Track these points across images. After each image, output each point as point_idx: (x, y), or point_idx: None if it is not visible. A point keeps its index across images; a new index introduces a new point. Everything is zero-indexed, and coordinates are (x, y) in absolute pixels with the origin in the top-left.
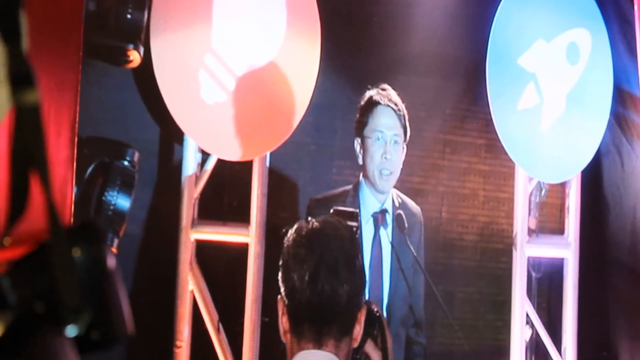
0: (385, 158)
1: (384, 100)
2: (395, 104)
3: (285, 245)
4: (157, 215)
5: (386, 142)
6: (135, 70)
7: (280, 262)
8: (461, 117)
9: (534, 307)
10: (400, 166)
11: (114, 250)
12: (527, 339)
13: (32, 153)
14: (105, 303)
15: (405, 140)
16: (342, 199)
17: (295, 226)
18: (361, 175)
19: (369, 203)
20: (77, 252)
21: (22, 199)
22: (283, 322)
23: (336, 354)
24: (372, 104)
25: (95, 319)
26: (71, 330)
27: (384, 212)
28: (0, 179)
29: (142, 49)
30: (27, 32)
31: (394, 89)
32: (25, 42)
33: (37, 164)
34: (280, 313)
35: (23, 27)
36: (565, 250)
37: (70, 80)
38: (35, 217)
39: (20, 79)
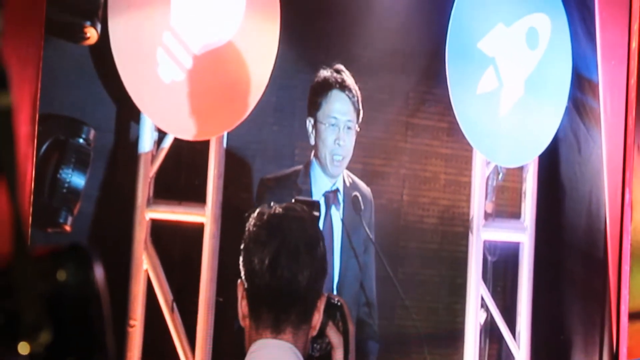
0: (338, 144)
1: (338, 85)
2: (350, 89)
3: (246, 229)
4: (112, 194)
5: (339, 128)
6: (92, 47)
7: (242, 246)
8: (423, 100)
9: (489, 290)
10: (352, 150)
11: (67, 228)
12: (482, 322)
13: (1, 158)
14: (86, 329)
15: (357, 122)
16: (293, 179)
17: (257, 210)
18: (312, 154)
19: (320, 182)
20: (62, 276)
21: None
22: (242, 306)
23: (294, 343)
24: (326, 86)
25: (75, 344)
26: (23, 348)
27: (335, 191)
28: None
29: (99, 26)
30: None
31: (355, 70)
32: (1, 42)
33: (6, 170)
34: (239, 297)
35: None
36: (521, 234)
37: (32, 56)
38: None
39: None
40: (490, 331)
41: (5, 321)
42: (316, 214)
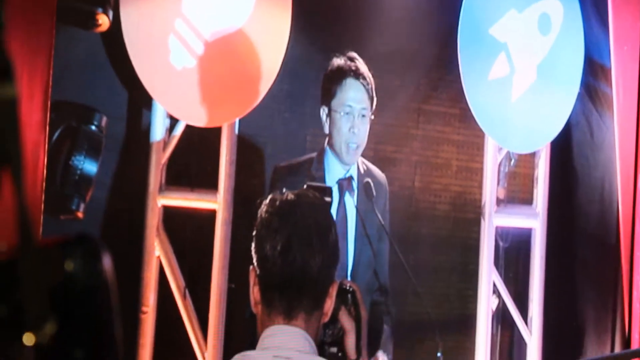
0: (353, 132)
1: (353, 73)
2: (364, 77)
3: (258, 215)
4: (125, 181)
5: (354, 116)
6: (104, 34)
7: (254, 233)
8: (435, 86)
9: (501, 276)
10: (366, 138)
11: (80, 215)
12: (494, 309)
13: (6, 149)
14: (94, 320)
15: (371, 110)
16: (306, 166)
17: (269, 197)
18: (326, 142)
19: (334, 170)
20: (69, 266)
21: None
22: (254, 293)
23: (306, 329)
24: (341, 75)
25: (82, 335)
26: (28, 338)
27: (349, 179)
28: None
29: (111, 13)
30: (7, 23)
31: (367, 56)
32: (5, 34)
33: (11, 161)
34: (251, 283)
35: (4, 18)
36: (533, 220)
37: (43, 44)
38: (3, 219)
39: None
40: (502, 317)
41: (10, 312)
42: (328, 199)
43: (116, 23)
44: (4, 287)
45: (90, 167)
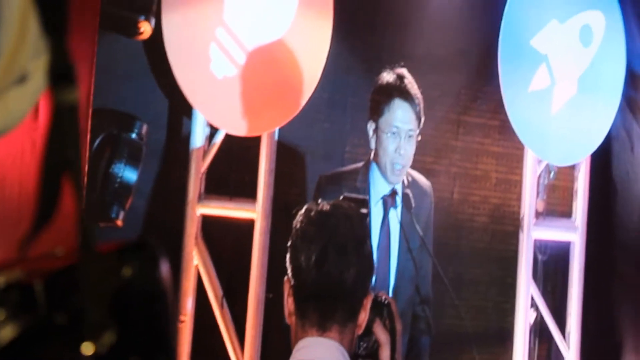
0: (399, 153)
1: (402, 94)
2: (413, 98)
3: (294, 226)
4: (164, 189)
5: (401, 137)
6: (145, 42)
7: (289, 243)
8: (474, 98)
9: (539, 290)
10: (412, 158)
11: (119, 223)
12: (532, 322)
13: (67, 156)
14: (151, 328)
15: (419, 130)
16: (352, 177)
17: (305, 207)
18: (372, 155)
19: (379, 186)
20: (128, 272)
21: (51, 204)
22: (288, 304)
23: (340, 341)
24: (390, 93)
25: (139, 343)
26: (87, 348)
27: (394, 194)
28: (29, 182)
29: (153, 21)
30: (70, 26)
31: (407, 67)
32: (68, 38)
33: (71, 168)
34: (285, 294)
35: (68, 20)
36: (572, 233)
37: (86, 51)
38: (62, 225)
39: (61, 77)
40: (540, 331)
41: (70, 320)
42: (364, 211)
43: (158, 31)
44: (63, 294)
45: (130, 175)
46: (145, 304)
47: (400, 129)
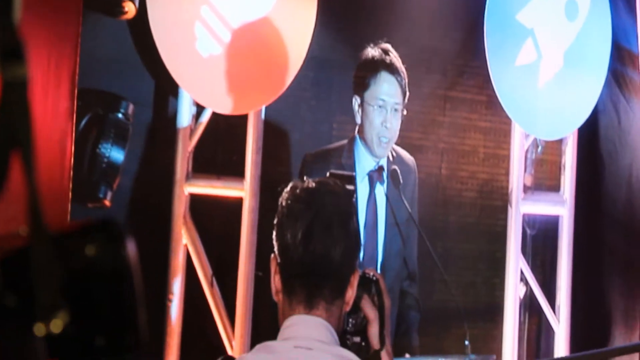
0: (385, 126)
1: (387, 67)
2: (399, 72)
3: (280, 203)
4: (151, 169)
5: (387, 110)
6: (130, 21)
7: (275, 221)
8: (461, 73)
9: (528, 264)
10: (398, 132)
11: (107, 203)
12: (521, 296)
13: (17, 131)
14: (117, 306)
15: (404, 104)
16: (337, 154)
17: (290, 185)
18: (356, 131)
19: (364, 161)
20: (91, 251)
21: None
22: (275, 281)
23: (327, 319)
24: (375, 67)
25: (105, 322)
26: (38, 329)
27: (380, 169)
28: None
29: (137, 0)
30: (19, 3)
31: (392, 43)
32: (17, 14)
33: (21, 144)
34: (272, 272)
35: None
36: (561, 207)
37: (70, 31)
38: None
39: (9, 52)
40: (529, 305)
41: (20, 302)
42: (350, 187)
43: (142, 10)
44: (16, 276)
45: (117, 155)
46: (110, 283)
47: (386, 102)
